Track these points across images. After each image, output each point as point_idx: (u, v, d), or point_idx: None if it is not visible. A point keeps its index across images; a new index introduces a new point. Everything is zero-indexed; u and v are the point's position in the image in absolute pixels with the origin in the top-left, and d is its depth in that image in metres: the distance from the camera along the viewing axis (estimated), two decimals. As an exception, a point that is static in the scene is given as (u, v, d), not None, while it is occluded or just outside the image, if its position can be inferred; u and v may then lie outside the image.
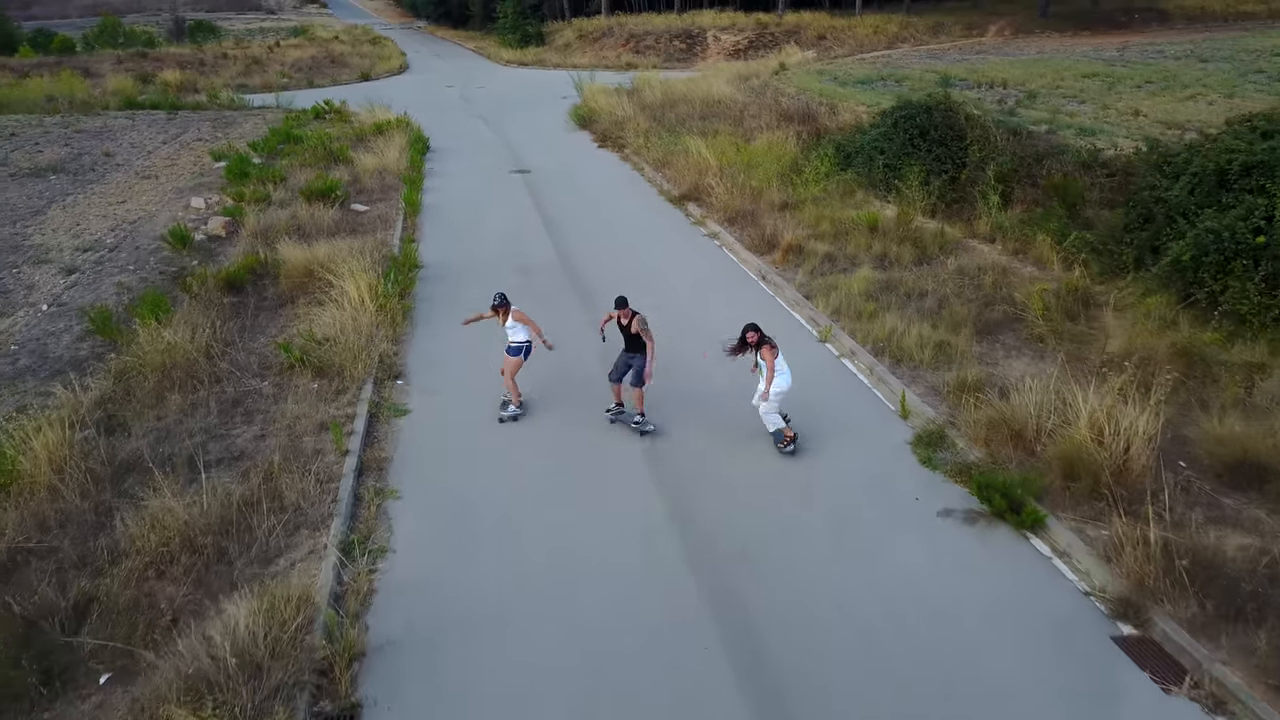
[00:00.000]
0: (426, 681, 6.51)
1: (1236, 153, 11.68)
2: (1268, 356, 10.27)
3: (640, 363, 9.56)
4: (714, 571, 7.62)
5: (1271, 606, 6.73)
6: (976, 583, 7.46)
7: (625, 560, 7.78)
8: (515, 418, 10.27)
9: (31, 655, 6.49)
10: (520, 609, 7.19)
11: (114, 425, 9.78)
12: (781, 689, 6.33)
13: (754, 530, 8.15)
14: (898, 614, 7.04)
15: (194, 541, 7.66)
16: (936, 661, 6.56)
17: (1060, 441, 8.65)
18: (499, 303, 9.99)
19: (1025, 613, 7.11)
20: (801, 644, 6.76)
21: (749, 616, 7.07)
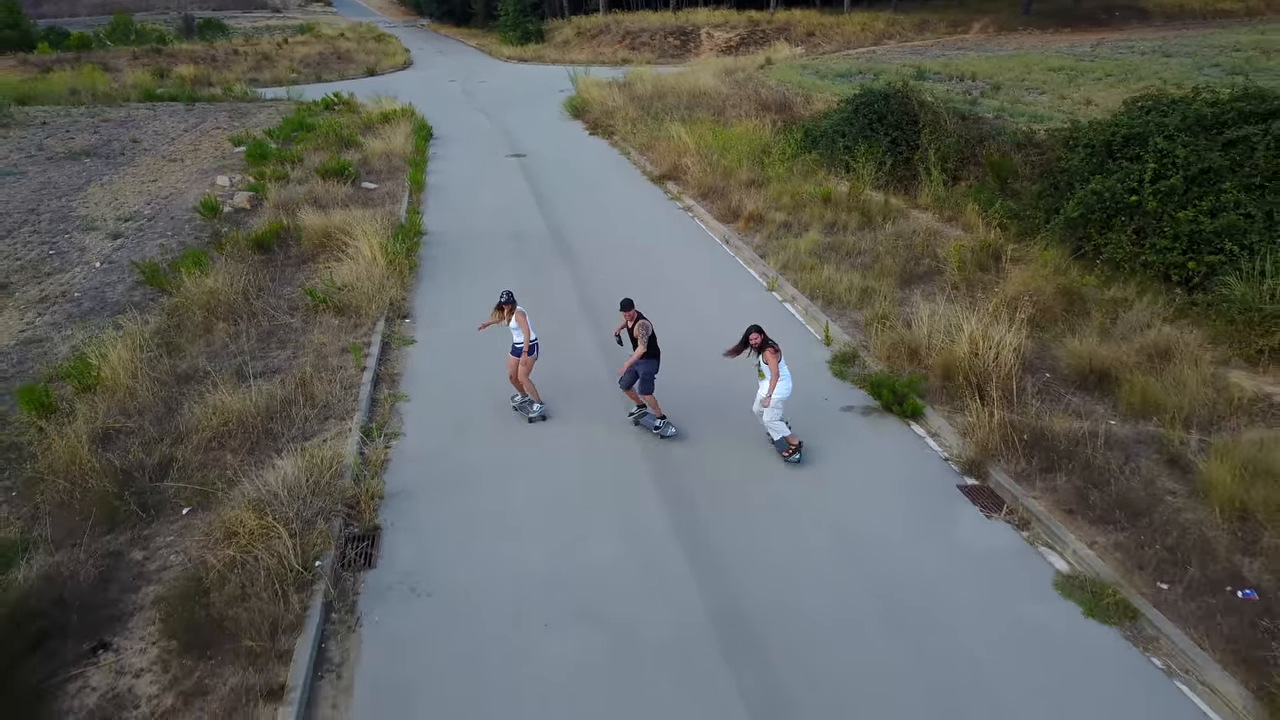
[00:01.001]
0: (429, 515, 8.63)
1: (1120, 127, 13.78)
2: (1133, 294, 12.37)
3: (644, 369, 9.55)
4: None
5: (1076, 462, 8.83)
6: (864, 455, 9.57)
7: (591, 439, 9.89)
8: (544, 416, 10.32)
9: (130, 494, 8.62)
10: (502, 471, 9.30)
11: (171, 348, 11.92)
12: (705, 522, 8.44)
13: (699, 406, 10.26)
14: (799, 479, 9.14)
15: (246, 424, 9.79)
16: (829, 509, 8.65)
17: (943, 354, 10.75)
18: (505, 300, 9.95)
19: (899, 474, 9.21)
20: (709, 467, 8.87)
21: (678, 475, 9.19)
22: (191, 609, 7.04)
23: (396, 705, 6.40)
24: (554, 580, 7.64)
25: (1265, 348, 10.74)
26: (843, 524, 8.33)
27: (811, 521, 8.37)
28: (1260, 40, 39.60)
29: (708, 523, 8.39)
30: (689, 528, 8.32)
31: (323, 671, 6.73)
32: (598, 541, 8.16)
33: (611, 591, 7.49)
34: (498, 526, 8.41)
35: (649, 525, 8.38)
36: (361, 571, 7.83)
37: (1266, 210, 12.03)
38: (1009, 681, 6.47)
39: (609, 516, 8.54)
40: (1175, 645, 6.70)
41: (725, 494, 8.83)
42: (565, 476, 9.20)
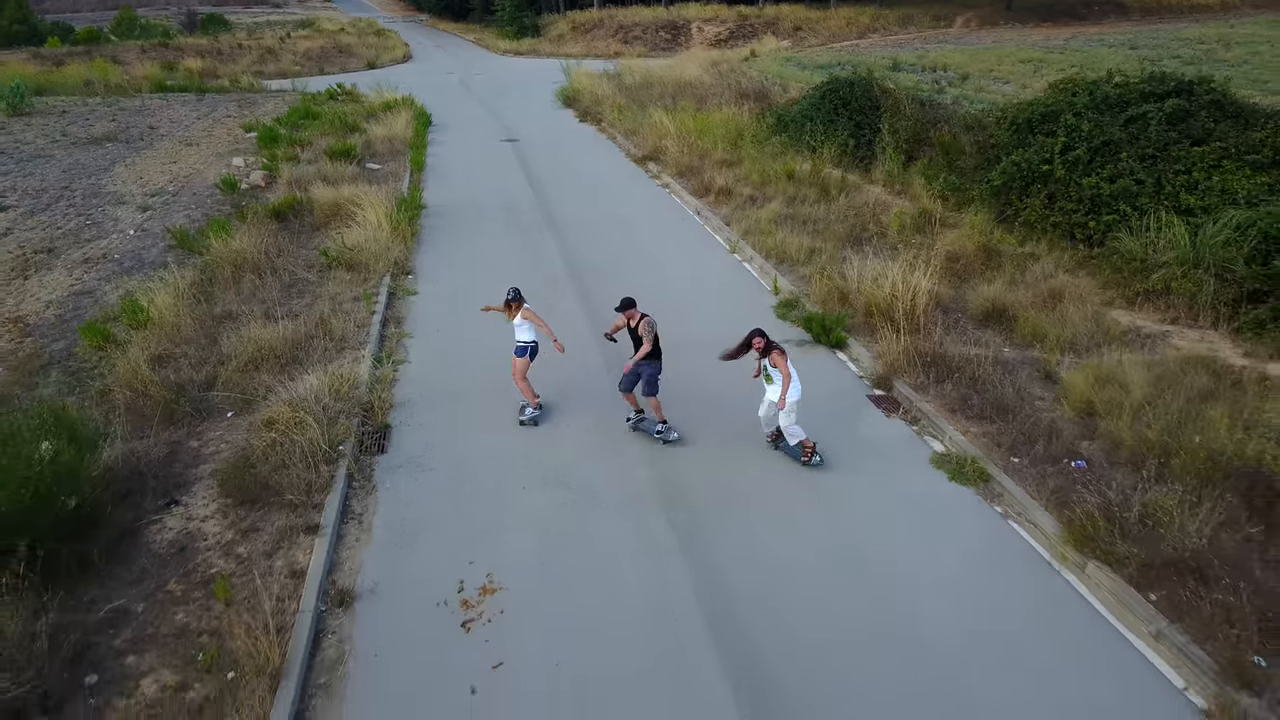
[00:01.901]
0: (429, 417, 10.57)
1: (1039, 106, 15.73)
2: (1043, 250, 14.32)
3: (648, 370, 9.61)
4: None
5: (964, 376, 10.76)
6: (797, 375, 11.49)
7: (566, 363, 11.83)
8: (535, 420, 10.36)
9: (184, 400, 10.55)
10: (488, 389, 11.21)
11: (206, 296, 13.85)
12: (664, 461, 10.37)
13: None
14: (744, 397, 11.09)
15: (276, 351, 11.71)
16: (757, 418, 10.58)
17: (869, 297, 12.69)
18: (512, 297, 9.94)
19: (822, 389, 11.09)
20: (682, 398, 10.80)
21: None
22: (242, 475, 8.98)
23: (404, 539, 8.35)
24: (529, 461, 9.57)
25: (1142, 290, 12.68)
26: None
27: (749, 423, 10.29)
28: (1225, 34, 41.56)
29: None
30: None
31: (348, 518, 8.67)
32: (568, 433, 10.10)
33: (575, 465, 9.43)
34: (485, 426, 10.34)
35: (605, 391, 10.31)
36: (375, 455, 9.77)
37: (1155, 177, 13.97)
38: (890, 527, 8.41)
39: (576, 408, 10.47)
40: (1014, 497, 8.65)
41: (672, 395, 10.78)
42: (542, 394, 11.13)
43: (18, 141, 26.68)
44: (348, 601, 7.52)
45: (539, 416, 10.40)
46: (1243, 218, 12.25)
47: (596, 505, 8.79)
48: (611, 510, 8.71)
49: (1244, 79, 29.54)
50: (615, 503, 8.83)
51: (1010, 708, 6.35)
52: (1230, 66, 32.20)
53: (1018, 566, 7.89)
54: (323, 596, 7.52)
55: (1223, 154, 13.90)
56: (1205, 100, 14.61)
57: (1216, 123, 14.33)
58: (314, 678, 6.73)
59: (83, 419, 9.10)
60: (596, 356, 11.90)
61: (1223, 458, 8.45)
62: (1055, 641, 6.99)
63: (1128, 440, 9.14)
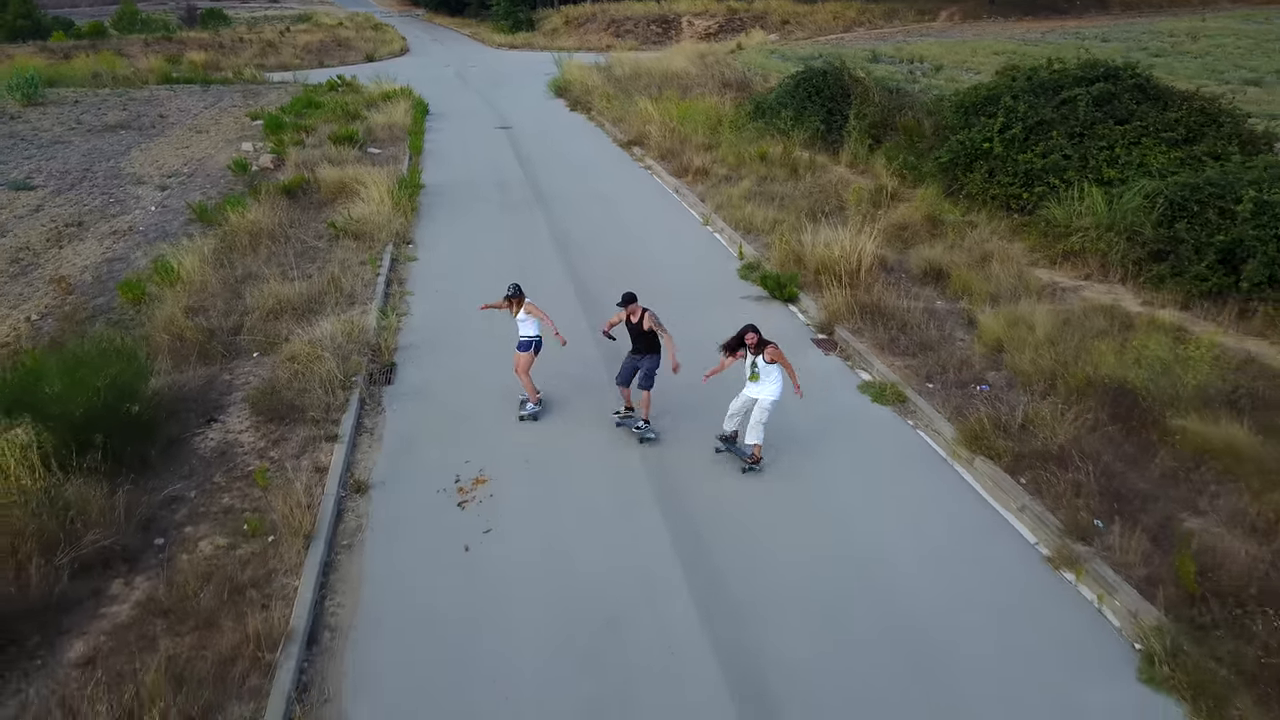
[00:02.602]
0: (428, 358, 12.20)
1: (982, 90, 17.38)
2: (982, 220, 15.98)
3: (648, 364, 9.78)
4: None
5: (896, 322, 12.41)
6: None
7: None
8: (535, 416, 10.54)
9: (215, 343, 12.18)
10: (480, 334, 12.85)
11: (227, 260, 15.46)
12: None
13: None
14: (703, 342, 12.73)
15: (294, 304, 13.34)
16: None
17: (821, 260, 14.33)
18: (512, 293, 10.17)
19: (773, 335, 12.69)
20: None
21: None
22: (270, 398, 10.62)
23: (409, 447, 9.99)
24: (514, 392, 11.21)
25: (1063, 251, 14.36)
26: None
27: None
28: (1196, 27, 43.28)
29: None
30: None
31: (361, 431, 10.32)
32: (546, 372, 11.77)
33: (555, 393, 11.07)
34: (479, 367, 11.97)
35: (588, 347, 11.96)
36: (383, 386, 11.42)
37: (1082, 153, 15.63)
38: (820, 438, 10.06)
39: (556, 356, 12.14)
40: (924, 413, 10.32)
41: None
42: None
43: (35, 129, 28.26)
44: (363, 489, 9.18)
45: (539, 413, 10.58)
46: (1152, 187, 13.91)
47: (578, 424, 10.44)
48: (590, 427, 10.35)
49: (1203, 69, 31.32)
50: (593, 421, 10.47)
51: (905, 561, 7.98)
52: (1193, 58, 33.96)
53: (920, 463, 9.55)
54: (343, 485, 9.18)
55: (1142, 132, 15.57)
56: (1129, 84, 16.26)
57: (1138, 104, 15.99)
58: (338, 540, 8.38)
59: (134, 349, 10.72)
60: (582, 319, 13.50)
61: (1099, 380, 10.11)
62: (945, 516, 8.64)
63: (1027, 369, 10.81)
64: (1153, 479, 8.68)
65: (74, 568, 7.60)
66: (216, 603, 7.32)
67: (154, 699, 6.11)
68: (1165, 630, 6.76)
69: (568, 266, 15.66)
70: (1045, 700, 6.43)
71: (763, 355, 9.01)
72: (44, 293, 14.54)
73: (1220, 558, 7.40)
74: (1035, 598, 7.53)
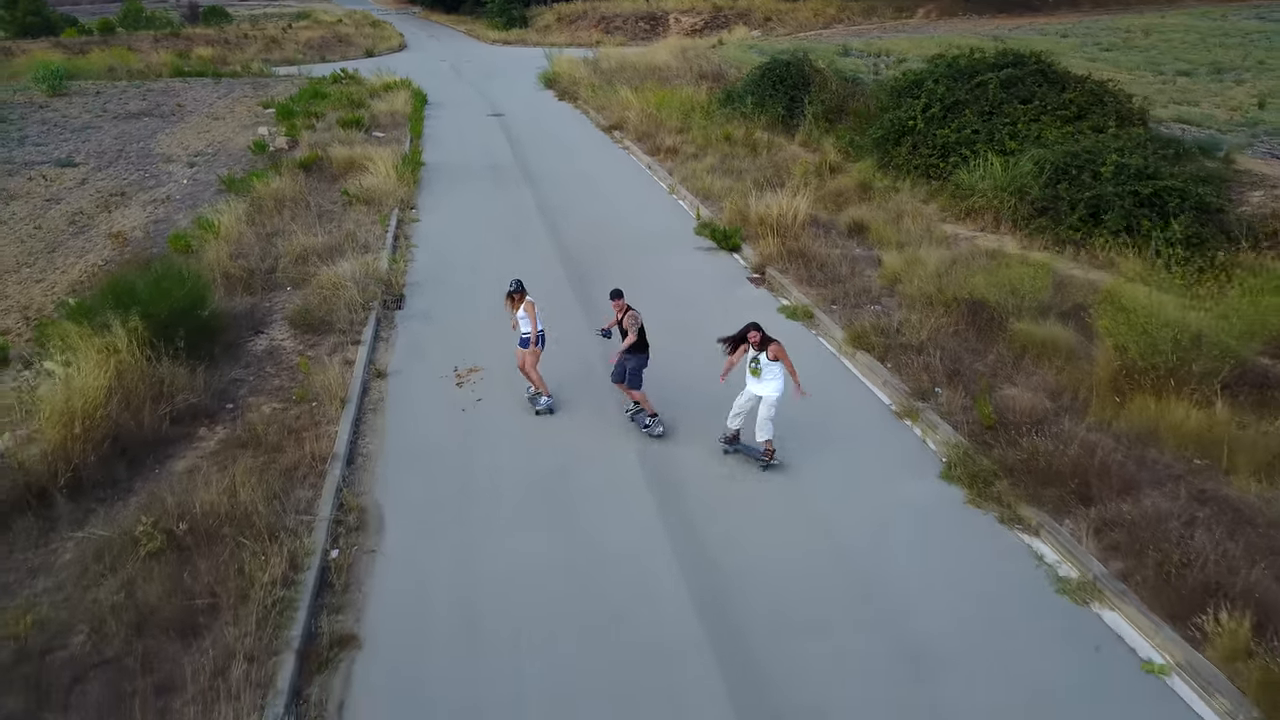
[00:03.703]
0: (432, 290, 15.01)
1: (910, 75, 20.24)
2: (905, 186, 18.82)
3: (633, 363, 9.99)
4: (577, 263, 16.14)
5: (816, 263, 15.24)
6: (699, 267, 15.97)
7: (530, 263, 16.29)
8: (550, 409, 10.88)
9: (255, 279, 14.98)
10: (472, 270, 15.65)
11: (256, 220, 18.26)
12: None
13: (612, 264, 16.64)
14: (670, 292, 15.55)
15: (317, 251, 16.14)
16: (677, 286, 15.04)
17: (762, 217, 17.15)
18: (514, 289, 10.49)
19: (718, 273, 15.61)
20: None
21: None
22: (305, 316, 13.42)
23: (416, 350, 12.80)
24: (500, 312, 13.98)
25: (967, 209, 17.19)
26: (680, 292, 14.72)
27: (679, 288, 14.75)
28: (1154, 24, 46.15)
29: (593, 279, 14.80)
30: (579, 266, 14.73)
31: (379, 339, 13.13)
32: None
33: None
34: (472, 298, 14.78)
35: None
36: (395, 310, 14.24)
37: (990, 128, 18.47)
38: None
39: (532, 278, 14.94)
40: (825, 324, 13.15)
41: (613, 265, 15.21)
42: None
43: (65, 116, 31.04)
44: (383, 375, 12.01)
45: (553, 405, 10.92)
46: (1040, 155, 16.76)
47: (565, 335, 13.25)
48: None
49: (1145, 61, 34.19)
50: (568, 329, 13.28)
51: (793, 423, 10.78)
52: (1139, 52, 36.82)
53: (816, 358, 12.33)
54: (367, 371, 11.99)
55: (1041, 110, 18.42)
56: (1033, 69, 19.12)
57: (1039, 86, 18.84)
58: (366, 404, 11.20)
59: (197, 274, 13.53)
60: (559, 270, 16.27)
61: (964, 297, 12.94)
62: (828, 392, 11.42)
63: (913, 293, 13.63)
64: (986, 363, 11.50)
65: (172, 418, 10.39)
66: (279, 437, 10.12)
67: (244, 480, 8.89)
68: (961, 447, 9.59)
69: (550, 227, 18.46)
70: (884, 491, 9.23)
71: (765, 353, 9.17)
72: (103, 246, 17.33)
73: (1014, 406, 10.22)
74: (885, 437, 10.36)
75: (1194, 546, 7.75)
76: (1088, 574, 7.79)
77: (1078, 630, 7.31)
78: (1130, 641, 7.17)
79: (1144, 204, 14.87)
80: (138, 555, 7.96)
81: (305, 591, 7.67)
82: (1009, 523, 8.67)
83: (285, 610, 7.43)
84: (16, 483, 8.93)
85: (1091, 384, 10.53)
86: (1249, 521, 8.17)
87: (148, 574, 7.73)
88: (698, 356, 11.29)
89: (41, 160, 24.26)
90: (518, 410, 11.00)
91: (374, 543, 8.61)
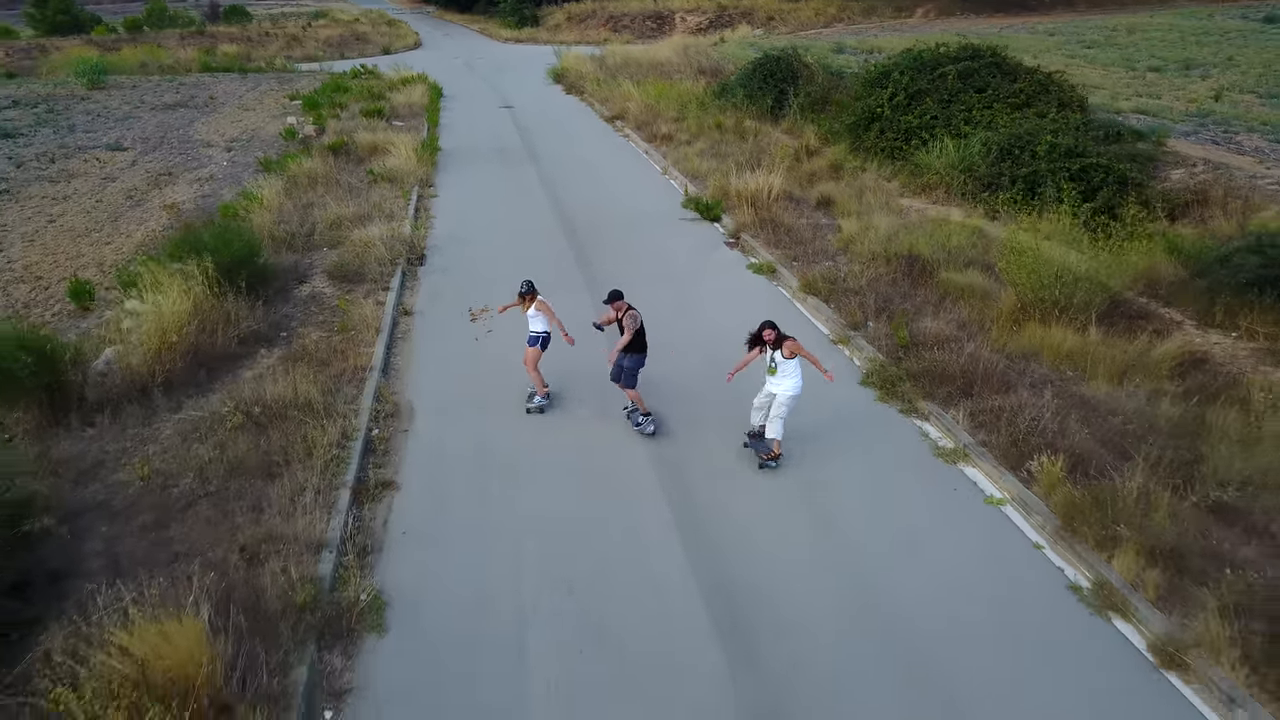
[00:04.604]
0: (449, 249, 17.48)
1: (879, 67, 22.59)
2: (872, 166, 21.18)
3: (630, 363, 10.21)
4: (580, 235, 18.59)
5: (784, 229, 17.62)
6: (685, 234, 18.38)
7: (527, 235, 18.74)
8: (542, 409, 11.19)
9: (295, 240, 17.48)
10: (485, 232, 18.10)
11: (293, 194, 20.78)
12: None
13: (607, 234, 19.08)
14: (657, 254, 17.95)
15: (348, 219, 18.64)
16: (663, 247, 17.45)
17: (739, 191, 19.54)
18: (525, 290, 10.76)
19: (699, 239, 18.00)
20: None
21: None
22: (341, 269, 15.90)
23: (436, 297, 15.25)
24: (513, 273, 16.43)
25: (923, 185, 19.53)
26: (665, 254, 17.13)
27: (664, 249, 17.16)
28: (1140, 23, 48.31)
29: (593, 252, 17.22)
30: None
31: (404, 288, 15.60)
32: (531, 258, 17.01)
33: (541, 263, 16.32)
34: (480, 257, 17.23)
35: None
36: (418, 266, 16.71)
37: (947, 115, 20.80)
38: (717, 294, 15.25)
39: (537, 243, 17.38)
40: (784, 276, 15.53)
41: (607, 237, 17.64)
42: (519, 247, 17.99)
43: (106, 107, 33.75)
44: (409, 313, 14.48)
45: (546, 405, 11.28)
46: (987, 138, 19.08)
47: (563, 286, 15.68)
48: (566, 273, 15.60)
49: (1121, 58, 36.40)
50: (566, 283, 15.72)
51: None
52: (1118, 50, 39.00)
53: (774, 301, 14.70)
54: (396, 310, 14.45)
55: (993, 98, 20.74)
56: (988, 62, 21.44)
57: (993, 77, 21.17)
58: (396, 333, 13.66)
59: (251, 230, 16.04)
60: (561, 240, 18.74)
61: (903, 253, 15.29)
62: (782, 325, 13.77)
63: (863, 252, 15.99)
64: (914, 303, 13.85)
65: (238, 340, 12.87)
66: (327, 355, 12.59)
67: (302, 380, 11.34)
68: (878, 362, 11.95)
69: (554, 203, 20.90)
70: (813, 396, 11.56)
71: (781, 350, 9.39)
72: (160, 215, 19.88)
73: (927, 333, 12.56)
74: (821, 358, 12.68)
75: (1043, 423, 10.08)
76: (959, 444, 10.14)
77: (944, 480, 9.69)
78: (981, 485, 9.54)
79: (1073, 178, 17.15)
80: (225, 428, 10.42)
81: (355, 452, 10.12)
82: (907, 412, 11.06)
83: (341, 463, 9.87)
84: (124, 381, 11.43)
85: (994, 316, 12.87)
86: (1093, 408, 10.50)
87: (234, 440, 10.19)
88: (674, 301, 13.65)
89: (93, 145, 26.90)
90: (521, 343, 13.42)
91: (405, 425, 11.07)
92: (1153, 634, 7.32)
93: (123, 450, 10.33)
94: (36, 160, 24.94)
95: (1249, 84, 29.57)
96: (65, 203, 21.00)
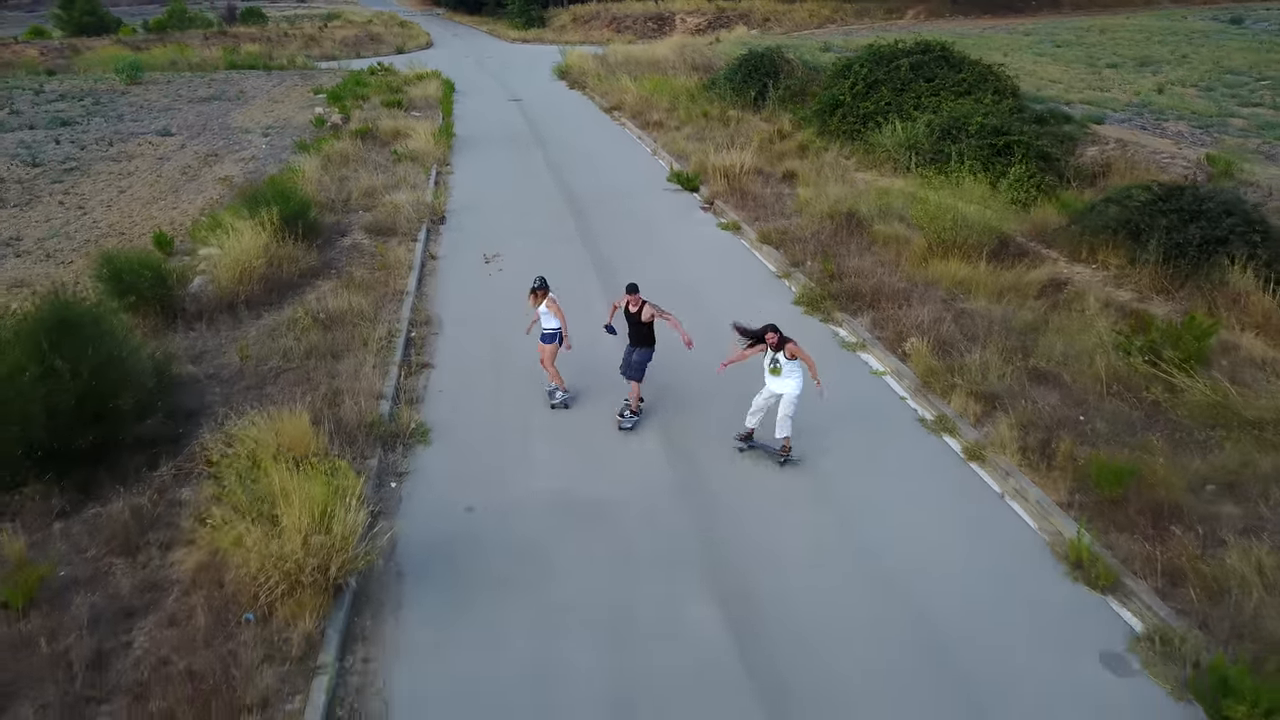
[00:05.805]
0: (466, 215, 20.87)
1: (843, 60, 25.96)
2: (834, 147, 24.55)
3: (640, 356, 10.57)
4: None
5: (752, 197, 20.98)
6: (666, 202, 21.76)
7: (532, 208, 22.15)
8: (566, 404, 11.67)
9: (334, 204, 20.91)
10: (498, 201, 21.47)
11: (329, 170, 24.21)
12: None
13: (603, 211, 22.49)
14: (642, 215, 21.32)
15: (378, 188, 22.07)
16: (646, 213, 20.83)
17: (716, 166, 22.90)
18: (538, 285, 11.08)
19: (677, 206, 21.37)
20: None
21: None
22: (376, 225, 19.33)
23: (455, 247, 18.65)
24: (526, 232, 19.79)
25: (875, 160, 22.88)
26: (649, 216, 20.50)
27: (649, 212, 20.51)
28: (1114, 24, 51.61)
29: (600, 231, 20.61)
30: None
31: (430, 241, 19.00)
32: (536, 219, 20.37)
33: (544, 220, 19.68)
34: (492, 219, 20.62)
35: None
36: (440, 225, 20.12)
37: (899, 102, 24.15)
38: (692, 249, 18.61)
39: (542, 209, 20.75)
40: (746, 231, 18.89)
41: (607, 210, 21.04)
42: (526, 210, 21.37)
43: (146, 100, 37.34)
44: (435, 257, 17.89)
45: (570, 400, 11.77)
46: (930, 120, 22.42)
47: (562, 240, 19.08)
48: (565, 244, 18.99)
49: (1083, 56, 39.71)
50: (565, 238, 19.12)
51: (714, 288, 16.47)
52: (1084, 49, 42.27)
53: (734, 251, 18.05)
54: (424, 254, 17.86)
55: (940, 87, 24.07)
56: (936, 55, 24.79)
57: (941, 68, 24.50)
58: (425, 271, 17.06)
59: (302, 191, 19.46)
60: (562, 205, 22.15)
61: (845, 211, 18.63)
62: (741, 267, 17.11)
63: (814, 212, 19.33)
64: (848, 250, 17.18)
65: (299, 275, 16.28)
66: (371, 283, 15.97)
67: (355, 298, 14.72)
68: (809, 287, 15.30)
69: (557, 178, 24.32)
70: (757, 309, 14.89)
71: (783, 352, 9.55)
72: (214, 187, 23.35)
73: (852, 268, 15.88)
74: (767, 287, 16.06)
75: (925, 324, 13.40)
76: (860, 339, 13.48)
77: (845, 362, 13.04)
78: (870, 363, 12.89)
79: (999, 152, 20.45)
80: (299, 328, 13.81)
81: (399, 344, 13.51)
82: (825, 321, 14.43)
83: (389, 350, 13.27)
84: (215, 299, 14.85)
85: (908, 256, 16.20)
86: (969, 317, 13.81)
87: (307, 335, 13.58)
88: (654, 249, 17.05)
89: (143, 131, 30.46)
90: (527, 279, 16.81)
91: (436, 330, 14.46)
92: (967, 441, 10.63)
93: (220, 345, 13.72)
94: (96, 144, 28.47)
95: (1193, 79, 32.85)
96: (130, 178, 24.49)
